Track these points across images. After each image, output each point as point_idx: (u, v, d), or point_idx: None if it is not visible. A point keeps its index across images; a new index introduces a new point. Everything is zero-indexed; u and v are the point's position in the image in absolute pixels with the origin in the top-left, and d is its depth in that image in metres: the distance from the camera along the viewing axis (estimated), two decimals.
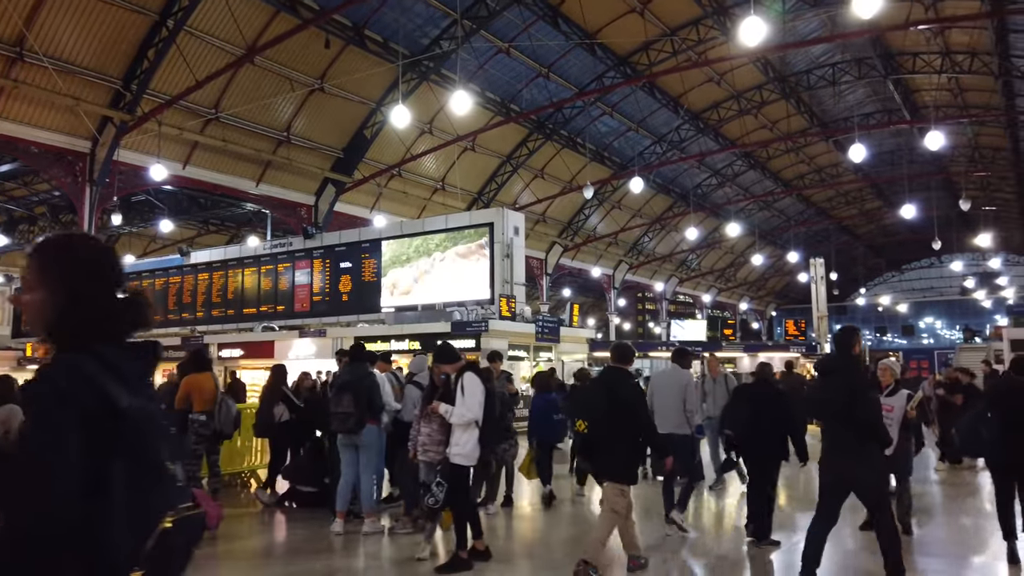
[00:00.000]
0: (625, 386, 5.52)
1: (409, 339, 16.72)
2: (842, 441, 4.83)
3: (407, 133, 23.10)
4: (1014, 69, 23.40)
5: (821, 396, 5.22)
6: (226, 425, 7.27)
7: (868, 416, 4.78)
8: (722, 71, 25.75)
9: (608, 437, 5.36)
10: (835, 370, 5.07)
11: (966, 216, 39.65)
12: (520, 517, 8.02)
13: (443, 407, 5.53)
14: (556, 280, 41.38)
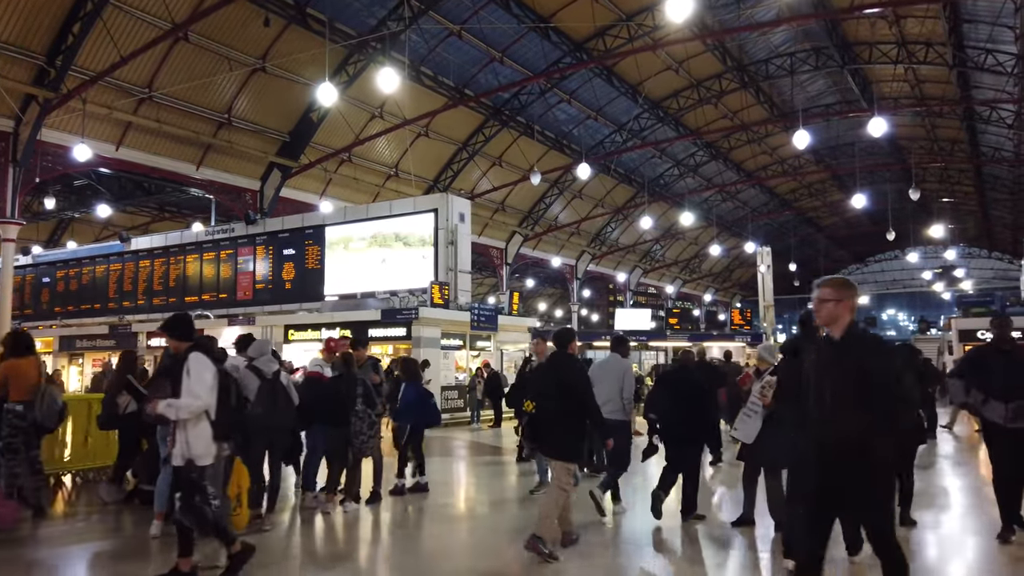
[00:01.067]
0: (570, 369, 5.78)
1: (340, 327, 16.23)
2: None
3: (357, 117, 22.54)
4: (968, 60, 23.39)
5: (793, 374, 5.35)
6: (48, 418, 6.46)
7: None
8: (680, 59, 25.48)
9: (553, 418, 5.62)
10: (805, 350, 5.17)
11: (928, 208, 40.02)
12: (375, 514, 7.35)
13: (162, 403, 4.64)
14: (518, 270, 41.11)
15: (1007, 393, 5.61)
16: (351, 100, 21.85)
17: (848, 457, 3.39)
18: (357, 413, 6.94)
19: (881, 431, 3.39)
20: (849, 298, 3.64)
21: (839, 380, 3.51)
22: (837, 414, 3.47)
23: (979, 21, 21.30)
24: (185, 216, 29.11)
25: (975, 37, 22.71)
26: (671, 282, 47.60)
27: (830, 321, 3.67)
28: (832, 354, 3.63)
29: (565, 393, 5.62)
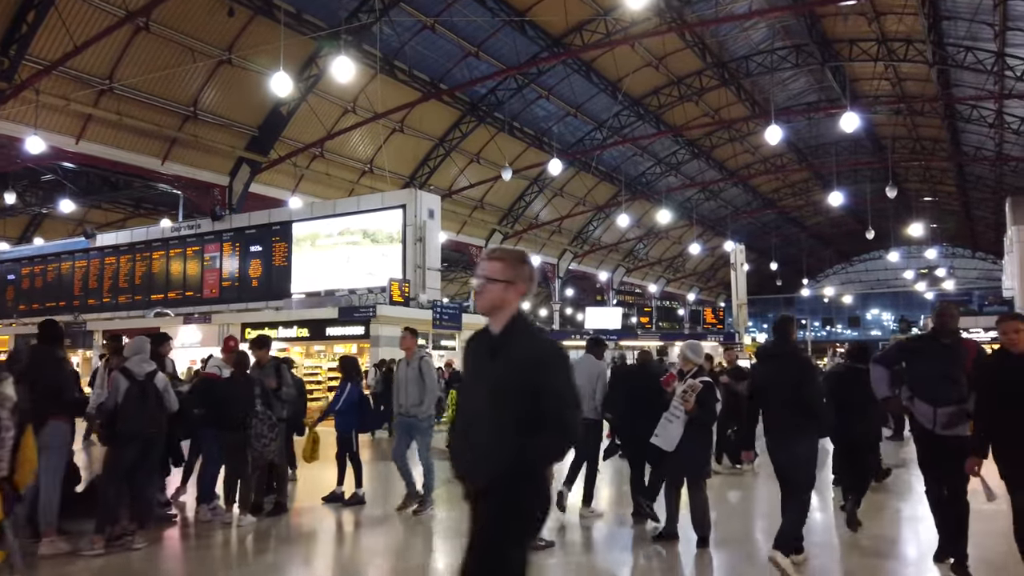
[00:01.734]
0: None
1: (297, 326, 15.82)
2: (783, 424, 5.07)
3: (329, 112, 22.10)
4: (948, 57, 23.19)
5: (770, 379, 5.31)
6: None
7: (813, 396, 5.05)
8: (659, 55, 25.18)
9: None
10: (778, 355, 5.33)
11: (911, 208, 39.92)
12: (271, 528, 6.74)
13: None
14: None
15: (934, 394, 4.92)
16: (322, 94, 21.42)
17: None
18: (257, 415, 6.52)
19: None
20: (520, 280, 2.83)
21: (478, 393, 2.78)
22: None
23: (958, 18, 21.09)
24: (160, 212, 28.62)
25: (955, 34, 22.50)
26: (655, 281, 47.35)
27: (491, 308, 2.83)
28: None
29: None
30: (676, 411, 5.28)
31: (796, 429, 5.01)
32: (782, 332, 5.39)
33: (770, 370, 5.36)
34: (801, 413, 4.99)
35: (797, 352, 5.43)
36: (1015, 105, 25.86)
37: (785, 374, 5.09)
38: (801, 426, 5.01)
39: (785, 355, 5.26)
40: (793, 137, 34.03)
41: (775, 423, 5.16)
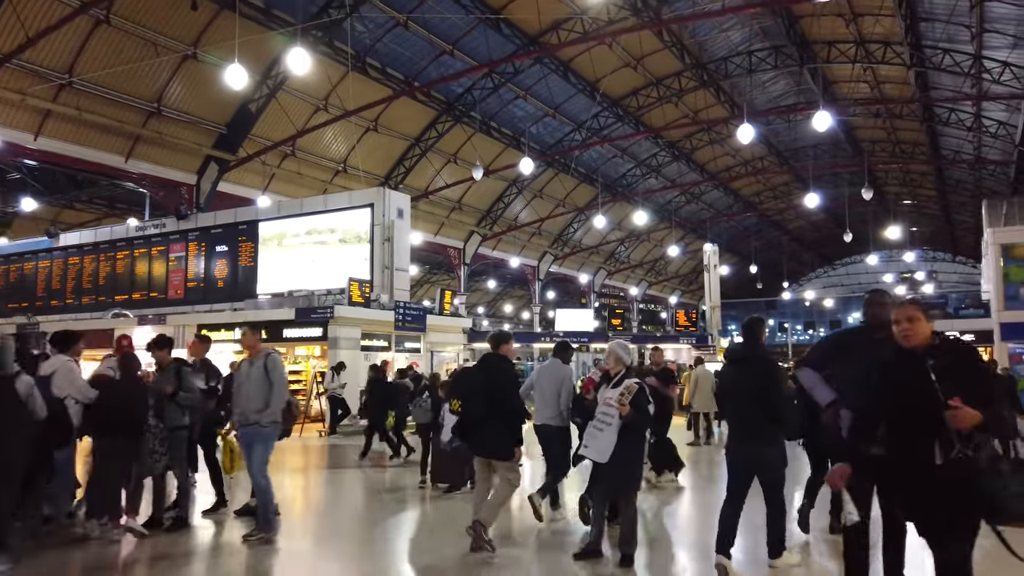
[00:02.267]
0: (498, 370, 5.79)
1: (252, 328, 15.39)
2: (751, 425, 5.02)
3: (300, 109, 21.68)
4: (926, 60, 23.10)
5: (738, 381, 5.28)
6: None
7: (779, 400, 4.99)
8: (637, 56, 24.95)
9: (483, 418, 5.64)
10: (747, 357, 5.24)
11: (891, 212, 39.98)
12: (160, 545, 6.15)
13: None
14: (479, 271, 40.40)
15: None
16: (293, 92, 21.01)
17: None
18: (149, 428, 6.05)
19: None
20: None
21: None
22: None
23: (935, 19, 20.99)
24: (133, 212, 28.02)
25: (932, 36, 22.41)
26: (636, 284, 47.16)
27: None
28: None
29: (492, 394, 5.61)
30: (607, 418, 4.91)
31: (762, 432, 5.00)
32: (751, 334, 5.33)
33: (737, 372, 5.31)
34: (767, 416, 4.95)
35: (764, 355, 5.36)
36: (992, 108, 25.85)
37: (752, 377, 5.06)
38: (767, 429, 4.98)
39: (753, 358, 5.21)
40: (773, 140, 33.99)
41: (741, 425, 5.16)
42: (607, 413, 4.96)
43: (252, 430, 6.21)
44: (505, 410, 5.64)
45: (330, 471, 10.91)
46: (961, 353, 3.35)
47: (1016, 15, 18.86)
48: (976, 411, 3.03)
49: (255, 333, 6.64)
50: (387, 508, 8.37)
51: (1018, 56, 20.84)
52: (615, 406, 4.87)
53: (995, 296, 19.94)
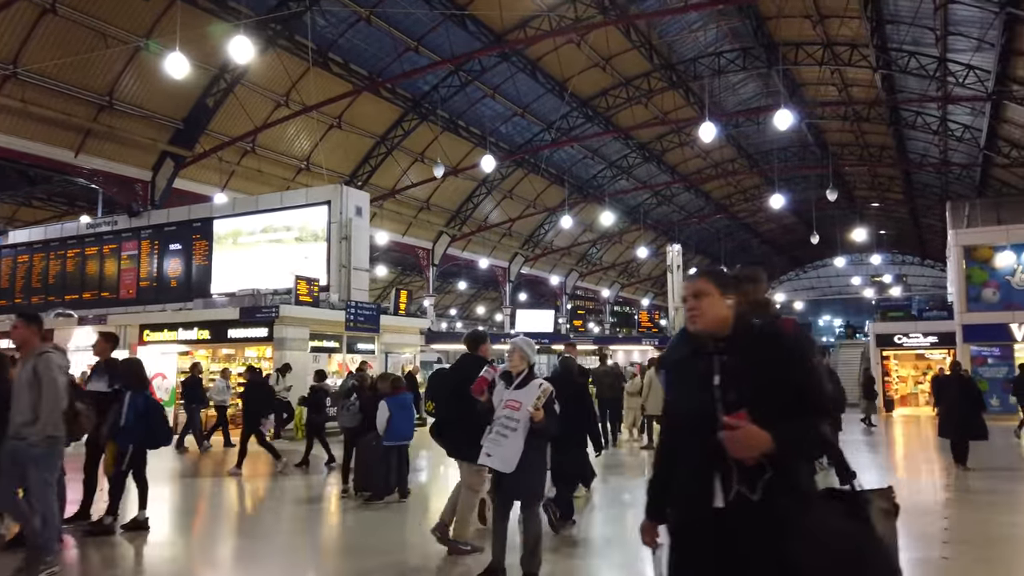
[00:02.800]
0: (472, 371, 5.53)
1: (198, 327, 14.90)
2: None
3: (260, 105, 21.17)
4: (892, 63, 23.17)
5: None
6: None
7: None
8: (606, 55, 24.77)
9: (454, 419, 5.70)
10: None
11: (860, 215, 40.23)
12: None
13: None
14: (448, 272, 40.00)
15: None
16: (252, 86, 20.50)
17: None
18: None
19: None
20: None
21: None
22: None
23: (900, 21, 21.03)
24: (93, 210, 27.21)
25: (898, 39, 22.49)
26: (609, 286, 47.05)
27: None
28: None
29: (464, 395, 5.41)
30: (512, 423, 4.49)
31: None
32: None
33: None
34: None
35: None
36: (958, 112, 26.03)
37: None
38: None
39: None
40: (744, 143, 34.04)
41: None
42: (512, 418, 4.47)
43: (20, 447, 4.98)
44: (475, 412, 5.37)
45: (248, 480, 10.21)
46: (762, 340, 2.33)
47: (979, 17, 18.91)
48: (763, 431, 2.08)
49: (29, 325, 5.25)
50: (302, 518, 7.91)
51: (981, 59, 20.93)
52: (525, 410, 4.43)
53: (957, 298, 19.99)
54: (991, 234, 19.79)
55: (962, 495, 9.17)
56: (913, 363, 26.21)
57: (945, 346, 20.80)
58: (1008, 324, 19.14)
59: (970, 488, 9.53)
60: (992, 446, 11.56)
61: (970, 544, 6.35)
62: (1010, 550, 6.35)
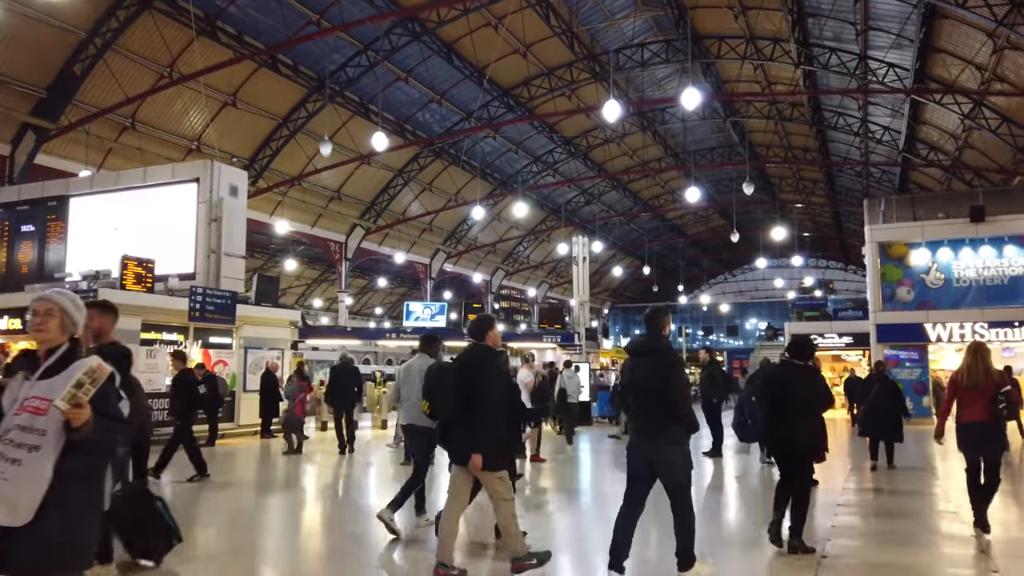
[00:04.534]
0: (480, 363, 5.07)
1: (8, 315, 13.04)
2: (651, 424, 4.84)
3: (138, 76, 19.17)
4: (814, 59, 22.72)
5: (634, 377, 5.04)
6: None
7: (678, 397, 4.79)
8: (528, 42, 23.72)
9: (468, 420, 4.92)
10: (650, 351, 4.99)
11: (781, 211, 40.13)
12: None
13: None
14: (365, 268, 38.32)
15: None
16: (130, 55, 18.53)
17: None
18: None
19: None
20: None
21: None
22: None
23: (821, 15, 20.54)
24: None
25: (820, 34, 22.06)
26: (537, 286, 46.04)
27: None
28: None
29: (471, 390, 4.91)
30: (30, 436, 2.59)
31: (664, 430, 4.76)
32: (653, 325, 5.02)
33: (638, 366, 5.01)
34: (669, 413, 4.73)
35: (667, 348, 5.03)
36: (878, 113, 25.91)
37: (653, 371, 4.82)
38: (669, 427, 4.75)
39: (654, 351, 4.94)
40: (671, 142, 33.48)
41: (642, 423, 4.93)
42: (29, 428, 2.56)
43: None
44: (487, 409, 4.93)
45: None
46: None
47: (899, 11, 18.52)
48: None
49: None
50: None
51: (900, 56, 20.63)
52: (57, 410, 2.48)
53: (872, 296, 19.53)
54: (906, 230, 19.39)
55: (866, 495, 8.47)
56: (830, 365, 25.90)
57: (860, 347, 20.39)
58: (923, 324, 18.73)
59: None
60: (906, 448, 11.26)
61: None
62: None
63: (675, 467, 4.75)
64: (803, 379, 5.82)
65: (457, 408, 4.97)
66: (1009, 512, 7.60)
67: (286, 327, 14.69)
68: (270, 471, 10.71)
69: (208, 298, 12.29)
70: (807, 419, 5.69)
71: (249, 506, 8.12)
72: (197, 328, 13.01)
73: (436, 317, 20.65)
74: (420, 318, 20.20)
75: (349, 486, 9.91)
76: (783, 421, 5.67)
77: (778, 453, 5.98)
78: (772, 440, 6.01)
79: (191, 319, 11.98)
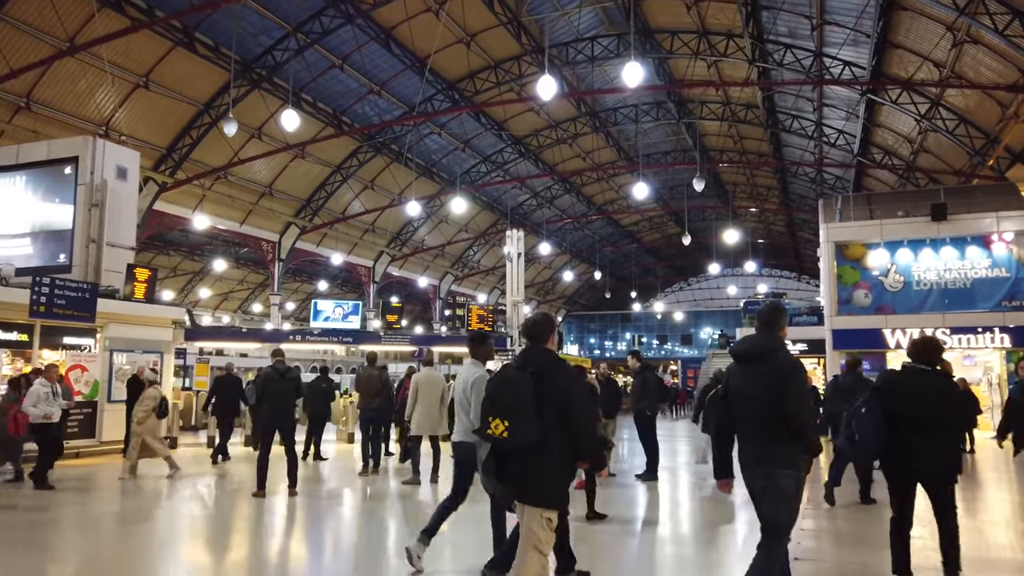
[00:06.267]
0: (557, 373, 3.94)
1: None
2: (760, 445, 4.06)
3: (27, 47, 17.14)
4: (768, 55, 21.85)
5: (740, 387, 4.19)
6: None
7: (797, 409, 3.95)
8: (469, 31, 22.41)
9: (533, 444, 3.81)
10: (760, 355, 4.18)
11: (734, 215, 39.52)
12: None
13: None
14: (302, 270, 36.57)
15: None
16: (19, 24, 16.58)
17: None
18: None
19: None
20: None
21: None
22: None
23: (775, 7, 19.63)
24: None
25: (775, 30, 21.21)
26: (488, 292, 44.62)
27: None
28: None
29: (566, 409, 3.86)
30: None
31: (776, 451, 4.02)
32: (767, 324, 4.26)
33: (747, 374, 4.21)
34: (786, 433, 3.97)
35: (783, 351, 4.20)
36: (833, 116, 25.22)
37: (766, 380, 4.05)
38: (783, 448, 4.01)
39: (769, 354, 4.16)
40: (624, 144, 32.49)
41: (749, 444, 4.18)
42: None
43: None
44: (571, 429, 3.89)
45: None
46: None
47: (855, 5, 17.68)
48: None
49: None
50: None
51: (856, 54, 19.85)
52: None
53: (828, 300, 18.55)
54: (864, 230, 18.47)
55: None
56: None
57: (815, 354, 19.41)
58: (881, 330, 17.78)
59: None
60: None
61: None
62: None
63: (783, 500, 3.96)
64: (938, 389, 4.85)
65: (535, 429, 3.88)
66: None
67: (167, 327, 12.89)
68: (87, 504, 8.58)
69: (58, 290, 10.48)
70: (945, 438, 4.76)
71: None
72: (46, 326, 11.13)
73: (349, 317, 18.96)
74: (330, 318, 18.51)
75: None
76: (912, 440, 4.69)
77: (897, 480, 4.95)
78: (892, 465, 4.92)
79: (32, 314, 10.15)
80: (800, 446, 4.02)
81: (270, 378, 8.31)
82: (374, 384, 10.32)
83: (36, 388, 8.91)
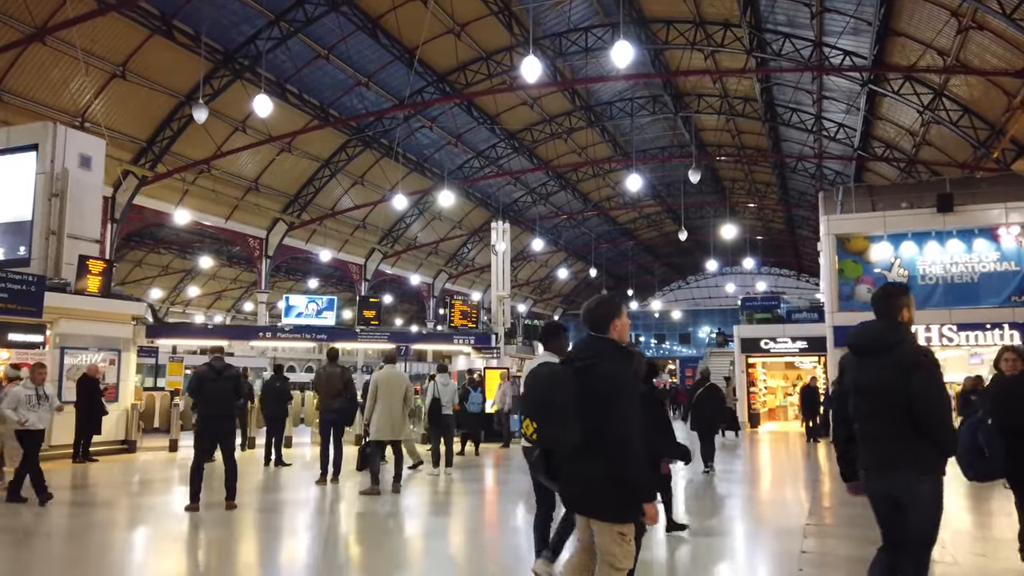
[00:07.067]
0: (614, 369, 3.37)
1: None
2: (889, 447, 3.58)
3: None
4: (767, 45, 21.23)
5: (862, 381, 3.68)
6: None
7: (932, 405, 3.47)
8: (459, 21, 21.81)
9: (580, 448, 3.36)
10: (885, 346, 3.62)
11: (732, 211, 38.88)
12: None
13: None
14: (291, 268, 35.98)
15: None
16: None
17: None
18: None
19: None
20: None
21: None
22: None
23: None
24: None
25: (773, 18, 20.58)
26: (483, 290, 43.96)
27: None
28: None
29: (615, 408, 3.28)
30: None
31: (910, 454, 3.51)
32: (886, 308, 3.69)
33: (868, 366, 3.67)
34: (920, 434, 3.48)
35: (911, 340, 3.68)
36: (833, 109, 24.57)
37: (892, 373, 3.51)
38: (916, 450, 3.50)
39: (895, 345, 3.59)
40: (620, 140, 31.87)
41: (875, 448, 3.63)
42: None
43: None
44: (621, 432, 3.29)
45: None
46: None
47: None
48: None
49: None
50: None
51: (857, 43, 19.21)
52: None
53: (828, 296, 17.87)
54: (867, 222, 17.74)
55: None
56: (783, 372, 24.33)
57: (815, 352, 18.74)
58: None
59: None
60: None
61: None
62: None
63: (926, 508, 3.53)
64: None
65: (576, 430, 3.41)
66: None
67: (126, 323, 12.22)
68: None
69: (0, 282, 9.80)
70: None
71: None
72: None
73: (324, 313, 18.27)
74: (304, 314, 17.82)
75: None
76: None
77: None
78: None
79: None
80: (935, 447, 3.55)
81: (205, 377, 7.46)
82: (335, 384, 9.48)
83: (18, 390, 8.11)
